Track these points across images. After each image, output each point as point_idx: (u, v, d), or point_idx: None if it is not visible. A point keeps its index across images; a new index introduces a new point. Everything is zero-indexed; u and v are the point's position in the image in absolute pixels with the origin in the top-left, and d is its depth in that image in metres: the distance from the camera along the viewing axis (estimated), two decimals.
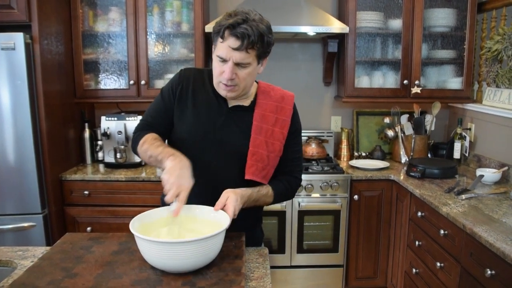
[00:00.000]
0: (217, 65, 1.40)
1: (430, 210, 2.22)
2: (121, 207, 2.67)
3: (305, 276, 2.87)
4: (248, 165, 1.45)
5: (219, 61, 1.38)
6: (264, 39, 1.37)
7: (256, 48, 1.36)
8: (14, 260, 1.38)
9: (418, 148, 3.05)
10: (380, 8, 2.97)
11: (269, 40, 1.40)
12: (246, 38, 1.32)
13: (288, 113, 1.52)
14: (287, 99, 1.54)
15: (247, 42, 1.32)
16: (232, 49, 1.34)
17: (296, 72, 3.31)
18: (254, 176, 1.44)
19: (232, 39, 1.33)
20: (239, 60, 1.35)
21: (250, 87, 1.48)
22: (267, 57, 1.46)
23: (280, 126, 1.50)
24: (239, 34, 1.32)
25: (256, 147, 1.45)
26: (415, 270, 2.41)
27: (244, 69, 1.38)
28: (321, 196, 2.77)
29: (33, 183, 2.46)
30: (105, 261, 1.25)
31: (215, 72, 1.42)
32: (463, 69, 2.96)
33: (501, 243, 1.61)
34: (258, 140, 1.46)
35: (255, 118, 1.48)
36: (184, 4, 2.91)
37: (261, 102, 1.50)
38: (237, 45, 1.33)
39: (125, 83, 2.95)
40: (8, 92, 2.38)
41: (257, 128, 1.47)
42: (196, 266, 1.17)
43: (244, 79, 1.40)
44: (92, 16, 2.91)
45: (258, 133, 1.46)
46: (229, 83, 1.38)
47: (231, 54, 1.34)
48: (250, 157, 1.45)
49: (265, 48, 1.40)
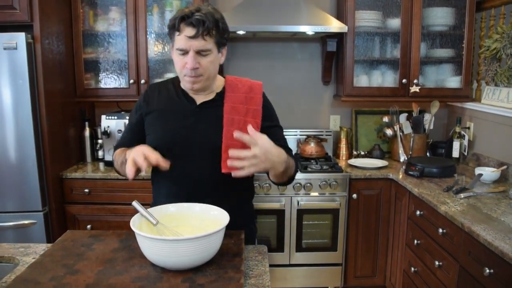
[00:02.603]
0: (179, 59, 1.42)
1: (429, 209, 2.23)
2: (121, 205, 2.69)
3: (304, 274, 2.88)
4: (223, 158, 1.43)
5: (180, 55, 1.40)
6: (219, 25, 1.40)
7: (213, 35, 1.38)
8: (16, 256, 1.39)
9: (417, 147, 3.06)
10: (378, 7, 2.99)
11: (224, 27, 1.43)
12: (201, 24, 1.35)
13: (258, 102, 1.52)
14: (256, 88, 1.55)
15: (202, 28, 1.35)
16: (189, 38, 1.36)
17: (295, 71, 3.32)
18: (230, 169, 1.37)
19: (188, 28, 1.36)
20: (198, 47, 1.37)
21: (214, 77, 1.50)
22: (226, 46, 1.48)
23: (252, 116, 1.50)
24: (194, 22, 1.34)
25: (230, 139, 1.42)
26: (414, 268, 2.42)
27: (206, 57, 1.40)
28: (320, 195, 2.78)
29: (34, 181, 2.48)
30: (106, 258, 1.26)
31: (178, 68, 1.44)
32: (461, 68, 2.97)
33: (500, 242, 1.61)
34: (231, 132, 1.41)
35: (225, 110, 1.48)
36: (184, 4, 2.92)
37: (230, 95, 1.51)
38: (194, 33, 1.35)
39: (125, 82, 2.96)
40: (10, 91, 2.40)
41: (229, 120, 1.47)
42: (196, 263, 1.18)
43: (207, 67, 1.42)
44: (93, 16, 2.92)
45: (230, 125, 1.46)
46: (193, 73, 1.40)
47: (190, 44, 1.37)
48: (224, 150, 1.44)
49: (222, 35, 1.43)
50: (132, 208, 1.29)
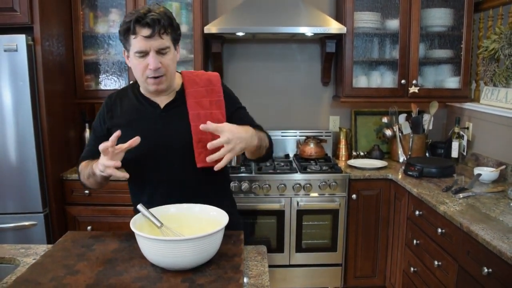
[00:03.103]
0: (138, 62, 1.40)
1: (428, 209, 2.24)
2: (121, 206, 2.69)
3: (304, 275, 2.89)
4: (196, 153, 1.46)
5: (139, 58, 1.39)
6: (173, 22, 1.42)
7: (168, 32, 1.40)
8: (17, 257, 1.40)
9: (416, 148, 3.07)
10: (377, 8, 3.00)
11: (176, 24, 1.45)
12: (157, 23, 1.35)
13: (219, 93, 1.54)
14: (214, 80, 1.56)
15: (158, 27, 1.35)
16: (147, 38, 1.35)
17: (294, 72, 3.33)
18: (205, 162, 1.39)
19: (144, 29, 1.35)
20: (158, 46, 1.37)
21: (174, 76, 1.50)
22: (179, 44, 1.50)
23: (217, 107, 1.52)
24: (150, 22, 1.34)
25: (199, 134, 1.44)
26: (413, 268, 2.42)
27: (166, 56, 1.41)
28: (319, 196, 2.79)
29: (34, 182, 2.49)
30: (106, 258, 1.27)
31: (138, 72, 1.42)
32: (460, 69, 2.98)
33: (498, 241, 1.62)
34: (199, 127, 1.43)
35: (190, 107, 1.49)
36: (183, 6, 2.93)
37: (190, 91, 1.52)
38: (150, 32, 1.35)
39: (125, 83, 2.97)
40: (10, 92, 2.41)
41: (195, 115, 1.48)
42: (196, 263, 1.19)
43: (169, 65, 1.42)
44: (93, 18, 2.93)
45: (197, 120, 1.46)
46: (156, 74, 1.40)
47: (148, 44, 1.36)
48: (196, 145, 1.46)
49: (176, 32, 1.45)
50: (132, 209, 1.30)
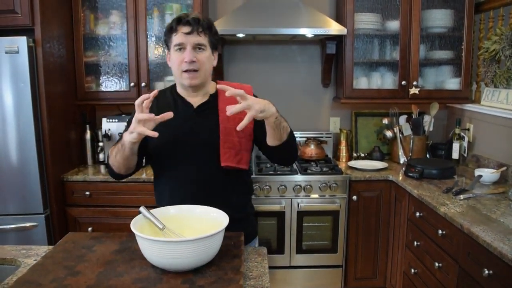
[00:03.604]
0: (176, 57, 1.52)
1: (428, 210, 2.24)
2: (122, 207, 2.70)
3: (304, 276, 2.89)
4: (221, 153, 1.53)
5: (177, 51, 1.51)
6: (212, 27, 1.56)
7: (207, 34, 1.52)
8: (18, 258, 1.40)
9: (416, 149, 3.07)
10: (377, 9, 3.00)
11: (215, 30, 1.58)
12: (196, 22, 1.49)
13: None
14: (246, 89, 1.59)
15: (197, 25, 1.49)
16: (186, 34, 1.49)
17: (294, 74, 3.34)
18: (229, 162, 1.52)
19: (185, 27, 1.49)
20: (194, 41, 1.49)
21: (209, 76, 1.59)
22: (217, 51, 1.60)
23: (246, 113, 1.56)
24: (190, 21, 1.49)
25: (226, 135, 1.53)
26: (414, 270, 2.42)
27: (202, 52, 1.51)
28: (320, 197, 2.79)
29: (35, 184, 2.49)
30: (107, 259, 1.27)
31: (176, 65, 1.53)
32: (461, 70, 2.98)
33: (499, 243, 1.62)
34: (228, 129, 1.53)
35: (221, 110, 1.56)
36: (184, 7, 2.94)
37: (223, 96, 1.56)
38: (190, 29, 1.48)
39: (125, 85, 2.98)
40: (11, 94, 2.42)
41: (224, 119, 1.54)
42: (196, 264, 1.19)
43: (204, 62, 1.52)
44: (93, 20, 2.94)
45: (227, 122, 1.54)
46: (191, 67, 1.49)
47: (187, 39, 1.49)
48: (222, 145, 1.53)
49: (215, 37, 1.56)
50: (133, 210, 1.30)
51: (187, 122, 1.57)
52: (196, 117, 1.58)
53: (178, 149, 1.55)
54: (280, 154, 1.58)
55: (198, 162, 1.55)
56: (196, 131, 1.56)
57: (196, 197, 1.50)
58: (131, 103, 3.00)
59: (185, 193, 1.56)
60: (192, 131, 1.56)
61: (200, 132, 1.56)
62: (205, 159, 1.55)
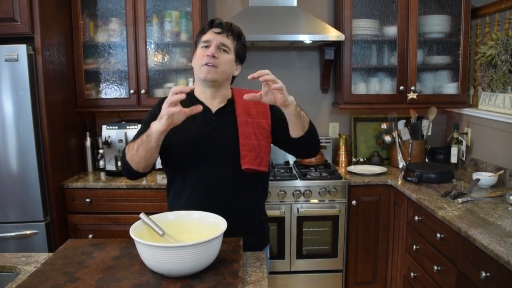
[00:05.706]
0: (200, 52, 1.55)
1: (427, 214, 2.25)
2: (122, 214, 2.71)
3: (305, 281, 2.89)
4: (242, 156, 1.54)
5: (203, 48, 1.55)
6: (241, 37, 1.61)
7: (235, 40, 1.57)
8: (18, 265, 1.41)
9: (415, 153, 3.08)
10: (375, 15, 3.02)
11: (244, 42, 1.63)
12: (227, 25, 1.56)
13: (265, 105, 1.61)
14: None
15: (227, 28, 1.55)
16: (215, 33, 1.54)
17: (293, 80, 3.35)
18: (249, 164, 1.53)
19: (216, 28, 1.56)
20: (221, 41, 1.54)
21: (227, 79, 1.61)
22: (241, 63, 1.63)
23: (263, 117, 1.61)
24: (223, 23, 1.56)
25: (245, 138, 1.56)
26: (413, 274, 2.43)
27: (225, 54, 1.55)
28: (319, 202, 2.80)
29: (36, 191, 2.50)
30: (106, 265, 1.28)
31: (197, 60, 1.55)
32: (458, 74, 3.00)
33: (495, 245, 1.63)
34: (246, 132, 1.56)
35: (239, 114, 1.59)
36: (183, 15, 2.97)
37: (240, 101, 1.61)
38: (219, 30, 1.55)
39: (125, 92, 3.00)
40: (11, 102, 2.43)
41: (243, 122, 1.57)
42: (195, 269, 1.20)
43: (224, 63, 1.55)
44: (93, 27, 2.96)
45: (245, 126, 1.57)
46: (211, 61, 1.51)
47: (214, 37, 1.54)
48: (242, 148, 1.55)
49: (242, 48, 1.60)
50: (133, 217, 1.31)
51: (206, 126, 1.57)
52: (215, 121, 1.59)
53: (198, 153, 1.55)
54: (306, 145, 1.58)
55: (218, 166, 1.55)
56: (216, 135, 1.57)
57: (216, 201, 1.51)
58: (131, 110, 3.07)
59: (206, 198, 1.54)
60: (211, 135, 1.57)
61: (219, 135, 1.57)
62: (226, 163, 1.56)
